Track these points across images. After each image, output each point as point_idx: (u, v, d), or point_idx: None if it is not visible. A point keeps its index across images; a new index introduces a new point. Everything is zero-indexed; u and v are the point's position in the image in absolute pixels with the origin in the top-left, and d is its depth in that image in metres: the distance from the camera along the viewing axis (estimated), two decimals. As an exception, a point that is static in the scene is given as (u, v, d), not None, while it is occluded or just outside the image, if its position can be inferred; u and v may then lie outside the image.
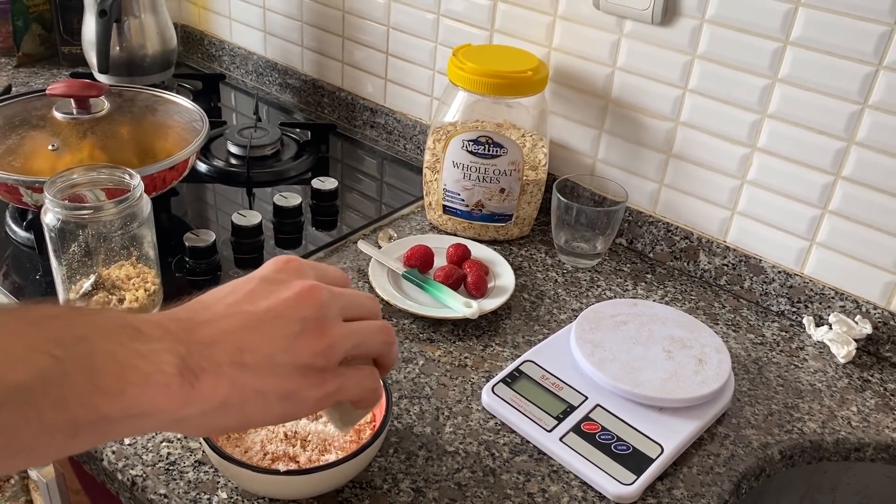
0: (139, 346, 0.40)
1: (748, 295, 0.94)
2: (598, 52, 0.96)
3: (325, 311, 0.46)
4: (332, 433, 0.64)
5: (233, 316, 0.44)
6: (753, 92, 0.85)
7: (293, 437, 0.64)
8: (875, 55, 0.77)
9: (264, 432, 0.64)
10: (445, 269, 0.89)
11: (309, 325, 0.45)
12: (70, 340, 0.38)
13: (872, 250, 0.84)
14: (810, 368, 0.84)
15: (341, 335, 0.46)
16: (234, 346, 0.43)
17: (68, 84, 0.92)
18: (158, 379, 0.40)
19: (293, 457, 0.63)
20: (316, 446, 0.63)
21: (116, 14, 1.16)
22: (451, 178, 0.97)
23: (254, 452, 0.63)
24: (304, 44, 1.31)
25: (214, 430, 0.44)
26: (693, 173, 0.94)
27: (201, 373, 0.41)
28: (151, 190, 0.89)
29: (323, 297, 0.46)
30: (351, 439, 0.65)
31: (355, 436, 0.65)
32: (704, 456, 0.72)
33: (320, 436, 0.64)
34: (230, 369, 0.42)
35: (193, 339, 0.42)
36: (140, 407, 0.39)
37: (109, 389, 0.38)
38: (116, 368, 0.39)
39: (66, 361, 0.38)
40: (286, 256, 0.49)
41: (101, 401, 0.38)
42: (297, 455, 0.63)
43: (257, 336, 0.44)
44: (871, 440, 0.76)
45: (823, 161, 0.84)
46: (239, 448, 0.63)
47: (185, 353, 0.41)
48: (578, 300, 0.91)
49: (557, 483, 0.68)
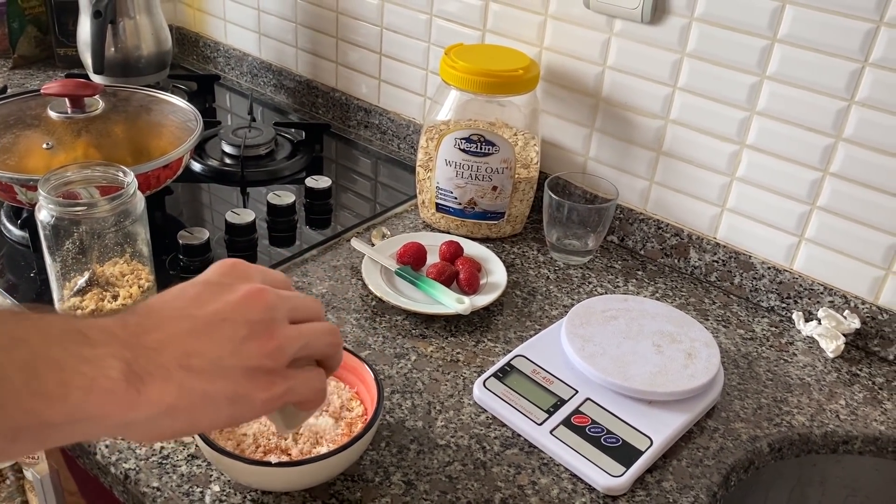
0: (84, 350, 0.40)
1: (738, 291, 0.94)
2: (589, 51, 0.97)
3: (273, 314, 0.46)
4: (325, 426, 0.65)
5: (180, 320, 0.44)
6: (742, 89, 0.86)
7: None
8: (861, 52, 0.78)
9: (256, 426, 0.65)
10: (438, 266, 0.90)
11: (256, 328, 0.45)
12: (9, 344, 0.38)
13: (860, 246, 0.85)
14: (799, 363, 0.85)
15: (289, 337, 0.46)
16: (181, 351, 0.43)
17: (63, 83, 0.93)
18: (103, 384, 0.39)
19: (285, 449, 0.63)
20: (308, 439, 0.64)
21: (111, 15, 1.17)
22: (443, 177, 0.98)
23: (246, 445, 0.63)
24: (299, 45, 1.32)
25: (162, 434, 0.44)
26: (683, 171, 0.94)
27: (148, 377, 0.41)
28: (146, 188, 0.90)
29: (270, 299, 0.46)
30: (343, 432, 0.65)
31: (347, 429, 0.65)
32: (694, 449, 0.72)
33: (312, 429, 0.65)
34: (178, 373, 0.42)
35: (140, 343, 0.42)
36: (84, 412, 0.39)
37: (51, 394, 0.38)
38: (58, 373, 0.39)
39: (4, 366, 0.37)
40: (232, 260, 0.49)
41: (42, 405, 0.38)
42: (288, 448, 0.63)
43: (205, 340, 0.44)
44: (859, 433, 0.76)
45: (812, 157, 0.85)
46: (231, 441, 0.64)
47: (132, 357, 0.41)
48: (570, 296, 0.92)
49: (548, 475, 0.68)
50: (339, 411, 0.67)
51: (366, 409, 0.67)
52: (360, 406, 0.68)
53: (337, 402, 0.68)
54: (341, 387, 0.70)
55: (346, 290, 0.89)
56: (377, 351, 0.81)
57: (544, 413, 0.72)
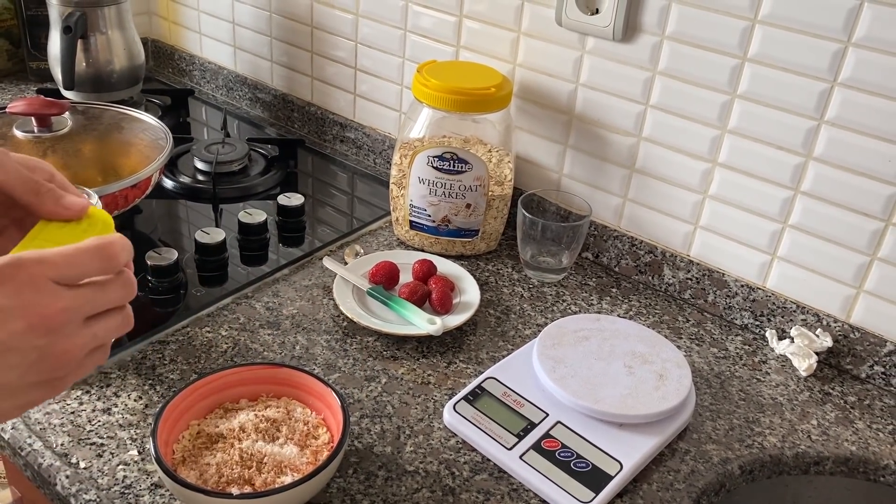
0: None
1: (712, 308, 0.94)
2: (562, 69, 0.96)
3: (63, 331, 0.43)
4: (289, 455, 0.64)
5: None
6: (713, 108, 0.86)
7: (249, 459, 0.63)
8: (830, 72, 0.78)
9: (220, 455, 0.64)
10: (410, 286, 0.89)
11: (47, 351, 0.43)
12: None
13: (832, 264, 0.85)
14: (772, 382, 0.84)
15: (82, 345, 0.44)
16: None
17: (29, 102, 0.92)
18: None
19: (248, 479, 0.62)
20: (271, 468, 0.63)
21: (82, 30, 1.15)
22: (417, 194, 0.98)
23: (209, 476, 0.62)
24: (274, 58, 1.31)
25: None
26: (656, 188, 0.94)
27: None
28: (113, 208, 0.89)
29: (57, 322, 0.43)
30: (308, 461, 0.64)
31: (312, 457, 0.65)
32: (664, 472, 0.72)
33: (276, 458, 0.64)
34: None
35: None
36: None
37: None
38: None
39: None
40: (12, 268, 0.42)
41: None
42: (252, 478, 0.62)
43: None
44: (830, 454, 0.76)
45: (783, 176, 0.85)
46: (194, 471, 0.63)
47: None
48: (544, 315, 0.91)
49: (517, 501, 0.67)
50: (305, 439, 0.66)
51: (332, 436, 0.66)
52: (326, 433, 0.67)
53: (303, 429, 0.67)
54: (308, 413, 0.69)
55: (317, 311, 0.88)
56: (347, 374, 0.80)
57: (514, 437, 0.72)
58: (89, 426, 0.71)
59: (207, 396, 0.69)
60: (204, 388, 0.68)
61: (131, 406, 0.74)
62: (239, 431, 0.66)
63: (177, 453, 0.65)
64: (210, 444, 0.65)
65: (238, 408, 0.69)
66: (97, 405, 0.73)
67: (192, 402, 0.67)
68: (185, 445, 0.65)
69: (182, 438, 0.66)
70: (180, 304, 0.87)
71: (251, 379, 0.70)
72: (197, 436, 0.66)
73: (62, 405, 0.73)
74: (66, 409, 0.73)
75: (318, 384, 0.68)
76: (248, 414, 0.67)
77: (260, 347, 0.82)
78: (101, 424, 0.71)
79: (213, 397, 0.69)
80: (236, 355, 0.81)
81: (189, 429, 0.67)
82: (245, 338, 0.83)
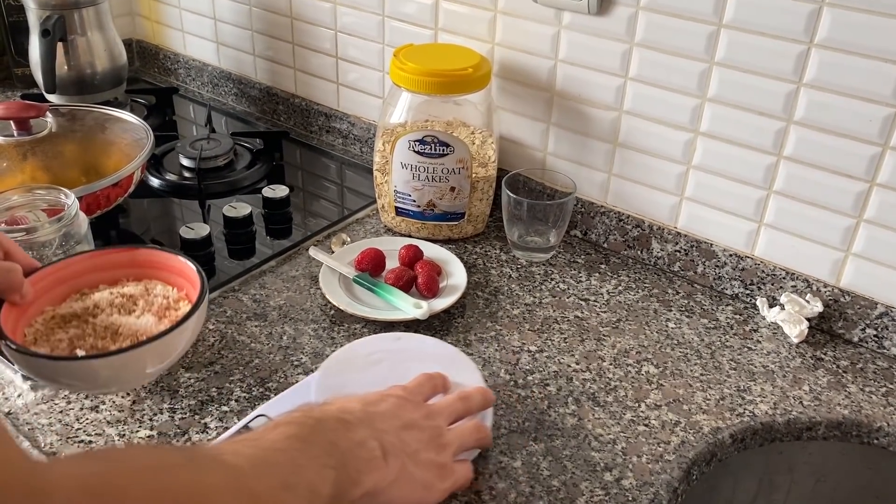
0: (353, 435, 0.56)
1: (702, 280, 0.93)
2: (540, 46, 0.96)
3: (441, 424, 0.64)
4: (146, 324, 0.62)
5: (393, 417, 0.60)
6: (692, 77, 0.85)
7: (103, 330, 0.61)
8: (806, 33, 0.77)
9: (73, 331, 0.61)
10: (396, 271, 0.89)
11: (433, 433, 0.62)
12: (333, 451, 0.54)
13: (819, 228, 0.84)
14: (763, 350, 0.84)
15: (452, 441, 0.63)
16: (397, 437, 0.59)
17: (6, 106, 0.92)
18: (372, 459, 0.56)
19: (102, 349, 0.60)
20: (127, 338, 0.61)
21: (61, 33, 1.15)
22: (400, 180, 0.97)
23: (60, 350, 0.60)
24: (256, 52, 1.31)
25: None
26: (640, 161, 0.94)
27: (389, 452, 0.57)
28: (95, 208, 0.89)
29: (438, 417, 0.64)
30: None
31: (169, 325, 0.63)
32: (654, 444, 0.71)
33: (131, 327, 0.62)
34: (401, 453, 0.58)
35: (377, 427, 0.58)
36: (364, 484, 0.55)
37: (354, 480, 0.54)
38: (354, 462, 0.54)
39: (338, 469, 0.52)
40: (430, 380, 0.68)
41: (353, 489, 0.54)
42: (106, 347, 0.60)
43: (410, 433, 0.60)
44: (822, 418, 0.76)
45: (765, 142, 0.84)
46: (45, 349, 0.60)
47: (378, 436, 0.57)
48: (532, 294, 0.91)
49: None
50: (164, 311, 0.64)
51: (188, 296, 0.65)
52: (188, 305, 0.65)
53: (162, 302, 0.65)
54: (169, 289, 0.67)
55: (304, 301, 0.88)
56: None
57: None
58: (77, 424, 0.71)
59: (63, 283, 0.65)
60: (55, 274, 0.65)
61: (119, 403, 0.74)
62: (94, 308, 0.63)
63: (28, 336, 0.62)
64: (63, 323, 0.63)
65: (96, 290, 0.66)
66: (85, 403, 0.74)
67: (46, 289, 0.64)
68: (37, 329, 0.63)
69: (35, 323, 0.63)
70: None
71: (107, 264, 0.67)
72: (51, 319, 0.64)
73: (50, 405, 0.73)
74: (54, 408, 0.73)
75: (175, 259, 0.66)
76: (104, 293, 0.65)
77: (247, 339, 0.82)
78: (88, 422, 0.72)
79: (69, 283, 0.66)
80: (223, 348, 0.81)
81: (43, 314, 0.64)
82: (232, 330, 0.83)
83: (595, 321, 0.87)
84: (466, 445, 0.65)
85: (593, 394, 0.77)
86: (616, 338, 0.84)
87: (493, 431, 0.72)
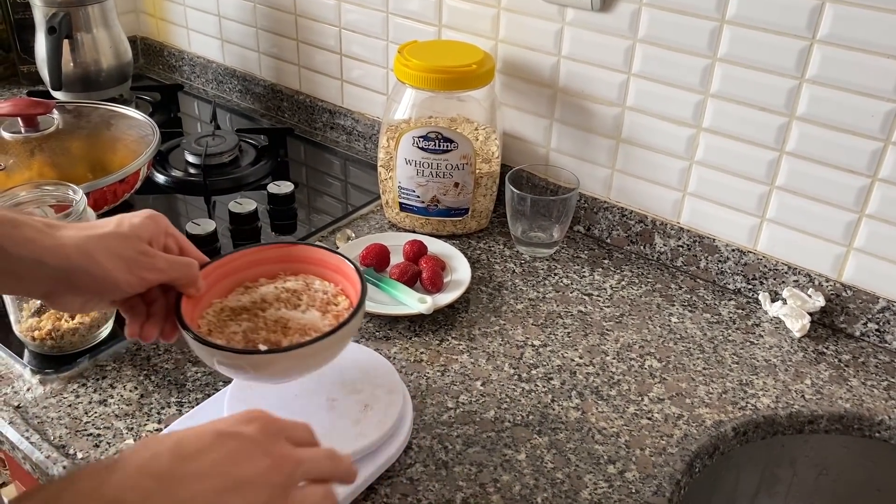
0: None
1: (704, 275, 0.94)
2: (543, 42, 0.96)
3: (290, 480, 0.48)
4: (312, 319, 0.65)
5: (214, 477, 0.45)
6: (695, 73, 0.86)
7: (274, 324, 0.65)
8: (808, 29, 0.77)
9: (246, 324, 0.65)
10: (400, 267, 0.89)
11: (275, 492, 0.47)
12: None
13: (820, 223, 0.84)
14: (766, 344, 0.84)
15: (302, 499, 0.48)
16: None
17: (14, 103, 0.93)
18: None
19: (275, 343, 0.63)
20: (296, 331, 0.64)
21: (67, 30, 1.16)
22: (404, 176, 0.98)
23: (236, 342, 0.63)
24: (261, 49, 1.31)
25: None
26: (643, 157, 0.94)
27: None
28: (102, 204, 0.89)
29: (290, 469, 0.48)
30: (330, 324, 0.65)
31: (334, 320, 0.65)
32: (657, 437, 0.72)
33: (299, 322, 0.65)
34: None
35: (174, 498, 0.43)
36: None
37: None
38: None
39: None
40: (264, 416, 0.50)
41: None
42: (279, 341, 0.63)
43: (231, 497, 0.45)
44: (824, 412, 0.76)
45: (767, 137, 0.84)
46: (221, 340, 0.63)
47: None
48: (535, 289, 0.91)
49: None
50: (326, 306, 0.67)
51: (351, 302, 0.67)
52: (345, 300, 0.68)
53: (323, 297, 0.68)
54: (326, 284, 0.69)
55: (309, 296, 0.89)
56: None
57: None
58: (86, 417, 0.72)
59: (227, 276, 0.69)
60: (222, 268, 0.69)
61: (127, 396, 0.75)
62: (262, 302, 0.67)
63: (202, 328, 0.65)
64: (234, 316, 0.66)
65: (259, 285, 0.70)
66: (93, 397, 0.74)
67: (212, 282, 0.68)
68: (209, 320, 0.66)
69: (206, 315, 0.66)
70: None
71: (269, 258, 0.71)
72: (221, 311, 0.67)
73: (59, 399, 0.74)
74: (63, 402, 0.74)
75: (333, 256, 0.69)
76: (268, 287, 0.68)
77: (253, 334, 0.83)
78: (97, 415, 0.72)
79: (233, 277, 0.70)
80: (230, 343, 0.81)
81: (212, 307, 0.67)
82: (238, 325, 0.84)
83: (598, 316, 0.87)
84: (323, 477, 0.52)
85: (597, 388, 0.77)
86: (619, 332, 0.85)
87: (497, 425, 0.73)
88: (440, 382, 0.77)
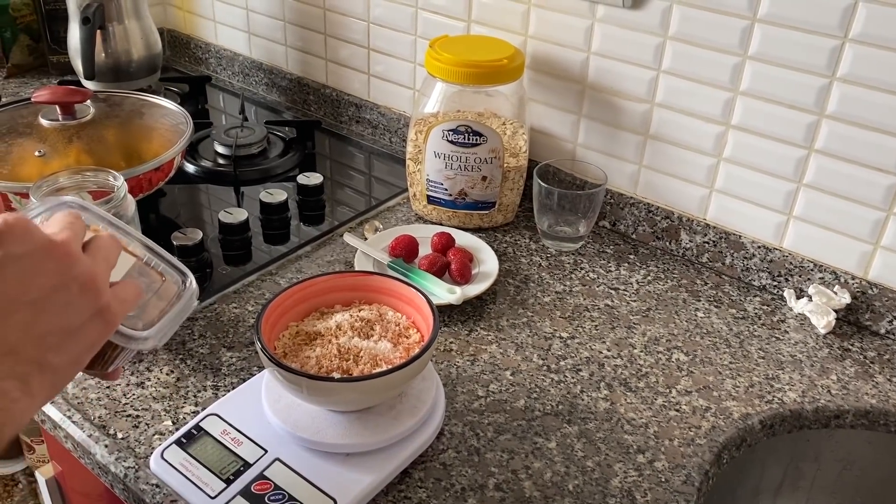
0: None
1: (730, 271, 0.95)
2: (573, 38, 0.97)
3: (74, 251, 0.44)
4: (384, 350, 0.67)
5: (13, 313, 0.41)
6: (725, 70, 0.87)
7: (346, 352, 0.67)
8: (840, 28, 0.78)
9: (319, 350, 0.67)
10: (430, 258, 0.90)
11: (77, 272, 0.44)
12: None
13: (847, 221, 0.85)
14: (791, 340, 0.85)
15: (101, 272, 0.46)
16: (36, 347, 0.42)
17: (53, 91, 0.94)
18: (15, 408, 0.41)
19: (346, 370, 0.65)
20: (367, 361, 0.66)
21: (100, 21, 1.18)
22: (433, 168, 0.99)
23: (309, 367, 0.65)
24: (288, 43, 1.33)
25: None
26: (671, 153, 0.95)
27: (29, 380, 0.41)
28: (138, 192, 0.91)
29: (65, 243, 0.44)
30: (401, 356, 0.67)
31: (405, 353, 0.67)
32: (686, 428, 0.73)
33: (371, 352, 0.67)
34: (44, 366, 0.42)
35: None
36: None
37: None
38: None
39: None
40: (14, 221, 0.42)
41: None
42: (350, 369, 0.65)
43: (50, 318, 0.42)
44: (850, 407, 0.77)
45: (796, 135, 0.85)
46: (295, 364, 0.66)
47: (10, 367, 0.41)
48: (562, 283, 0.92)
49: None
50: (397, 338, 0.69)
51: (422, 335, 0.69)
52: (416, 333, 0.70)
53: (395, 328, 0.70)
54: (399, 316, 0.72)
55: (339, 285, 0.90)
56: None
57: (223, 482, 0.63)
58: (125, 399, 0.74)
59: (304, 301, 0.72)
60: (301, 292, 0.71)
61: (164, 380, 0.76)
62: (336, 329, 0.69)
63: (278, 349, 0.68)
64: (309, 341, 0.69)
65: (334, 311, 0.72)
66: (131, 380, 0.76)
67: (290, 306, 0.70)
68: (285, 343, 0.68)
69: (282, 337, 0.69)
70: (207, 282, 0.89)
71: (345, 286, 0.73)
72: (296, 335, 0.69)
73: (98, 381, 0.75)
74: (102, 384, 0.75)
75: (407, 289, 0.72)
76: (343, 315, 0.71)
77: (285, 321, 0.84)
78: (135, 398, 0.74)
79: (310, 302, 0.72)
80: (263, 329, 0.83)
81: (288, 329, 0.70)
82: (271, 312, 0.85)
83: (625, 310, 0.88)
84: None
85: (625, 379, 0.78)
86: (646, 326, 0.86)
87: (527, 413, 0.74)
88: (470, 371, 0.79)
